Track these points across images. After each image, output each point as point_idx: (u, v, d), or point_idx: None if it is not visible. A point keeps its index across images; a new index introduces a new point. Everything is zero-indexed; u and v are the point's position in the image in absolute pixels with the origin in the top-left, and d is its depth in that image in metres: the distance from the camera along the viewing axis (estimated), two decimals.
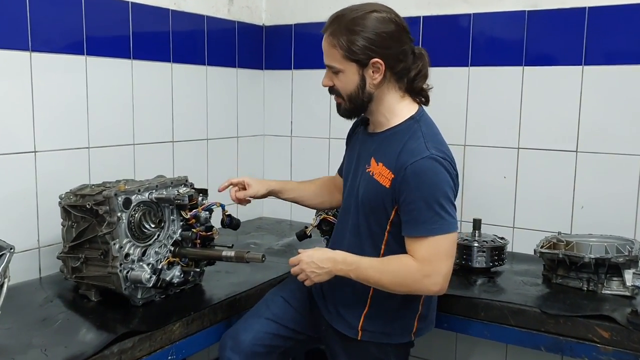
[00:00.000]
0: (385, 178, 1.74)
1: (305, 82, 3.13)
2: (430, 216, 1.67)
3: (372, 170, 1.80)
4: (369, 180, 1.80)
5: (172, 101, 2.69)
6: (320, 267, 1.77)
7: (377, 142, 1.84)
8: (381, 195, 1.76)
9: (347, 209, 1.89)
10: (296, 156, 3.22)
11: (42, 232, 2.19)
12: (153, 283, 1.86)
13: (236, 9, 3.00)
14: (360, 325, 1.85)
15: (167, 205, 1.99)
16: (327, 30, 1.80)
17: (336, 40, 1.75)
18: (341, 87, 1.80)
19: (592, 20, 2.43)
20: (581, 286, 2.14)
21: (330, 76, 1.83)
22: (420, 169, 1.68)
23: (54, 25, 2.17)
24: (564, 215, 2.55)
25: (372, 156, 1.82)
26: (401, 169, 1.70)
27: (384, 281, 1.73)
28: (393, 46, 1.74)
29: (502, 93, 2.63)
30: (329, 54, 1.79)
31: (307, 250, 1.83)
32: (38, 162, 2.15)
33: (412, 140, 1.75)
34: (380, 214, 1.78)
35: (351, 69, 1.75)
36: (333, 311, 1.91)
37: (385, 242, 1.80)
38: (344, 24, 1.74)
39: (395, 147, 1.76)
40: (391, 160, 1.75)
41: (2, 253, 1.50)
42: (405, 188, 1.69)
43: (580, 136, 2.49)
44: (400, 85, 1.81)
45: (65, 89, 2.23)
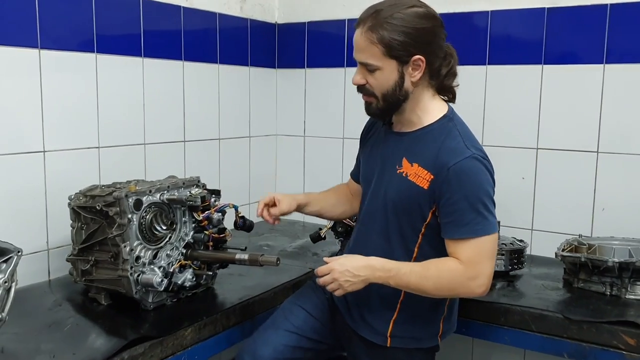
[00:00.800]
0: (423, 179, 1.69)
1: (318, 81, 3.08)
2: (473, 217, 1.63)
3: (406, 171, 1.73)
4: (401, 182, 1.74)
5: (184, 100, 2.64)
6: (356, 275, 1.69)
7: (408, 142, 1.77)
8: (417, 196, 1.70)
9: (372, 212, 1.82)
10: (309, 156, 3.17)
11: (51, 234, 2.14)
12: (164, 287, 1.81)
13: (249, 7, 2.95)
14: (390, 332, 1.79)
15: (179, 207, 1.94)
16: (364, 24, 1.68)
17: (376, 35, 1.65)
18: (376, 85, 1.71)
19: (613, 18, 2.36)
20: (604, 291, 2.07)
21: (363, 73, 1.73)
22: (464, 169, 1.63)
23: (64, 22, 2.12)
24: (584, 218, 2.49)
25: (404, 157, 1.75)
26: (443, 169, 1.64)
27: (427, 287, 1.67)
28: (433, 42, 1.69)
29: (520, 92, 2.57)
30: (366, 51, 1.68)
31: (338, 258, 1.75)
32: (47, 162, 2.11)
33: (449, 139, 1.69)
34: (415, 216, 1.72)
35: (390, 66, 1.67)
36: (358, 318, 1.85)
37: (419, 245, 1.74)
38: (383, 19, 1.65)
39: (431, 147, 1.70)
40: (428, 160, 1.69)
41: (9, 256, 1.45)
42: (447, 189, 1.64)
43: (601, 136, 2.43)
44: (432, 83, 1.75)
45: (75, 87, 2.19)
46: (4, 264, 1.45)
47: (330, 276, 1.71)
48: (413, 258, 1.75)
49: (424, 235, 1.74)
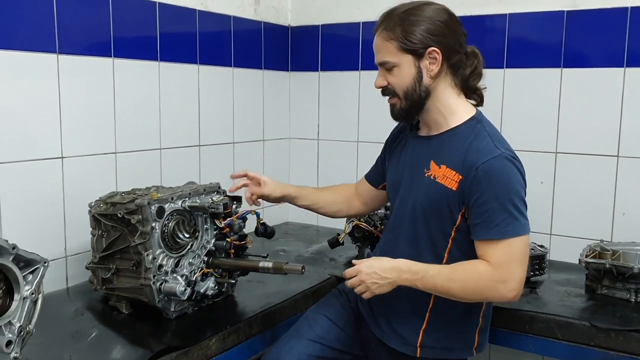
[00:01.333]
0: (451, 180, 1.66)
1: (332, 84, 3.06)
2: (504, 217, 1.60)
3: (434, 173, 1.71)
4: (430, 185, 1.72)
5: (199, 104, 2.62)
6: (383, 278, 1.67)
7: (435, 145, 1.76)
8: (447, 199, 1.67)
9: (399, 218, 1.80)
10: (323, 160, 3.14)
11: (69, 241, 2.12)
12: (188, 296, 1.79)
13: (262, 9, 2.93)
14: (419, 342, 1.76)
15: (201, 214, 1.92)
16: (380, 27, 1.73)
17: (391, 33, 1.69)
18: (397, 83, 1.72)
19: (634, 21, 2.33)
20: (628, 297, 2.05)
21: (383, 75, 1.75)
22: (493, 169, 1.61)
23: (81, 26, 2.10)
24: (604, 223, 2.46)
25: (432, 159, 1.73)
26: (471, 169, 1.62)
27: (454, 289, 1.64)
28: (448, 35, 1.69)
29: (539, 96, 2.55)
30: (383, 49, 1.72)
31: (366, 260, 1.73)
32: (65, 168, 2.08)
33: (477, 140, 1.68)
34: (445, 219, 1.70)
35: (407, 61, 1.69)
36: (386, 328, 1.82)
37: (449, 251, 1.71)
38: (397, 16, 1.69)
39: (459, 148, 1.68)
40: (456, 161, 1.67)
41: (36, 267, 1.43)
42: (476, 189, 1.62)
43: (621, 140, 2.40)
44: (455, 82, 1.75)
45: (92, 92, 2.17)
46: (30, 275, 1.42)
47: (357, 278, 1.70)
48: (443, 264, 1.72)
49: (454, 239, 1.71)
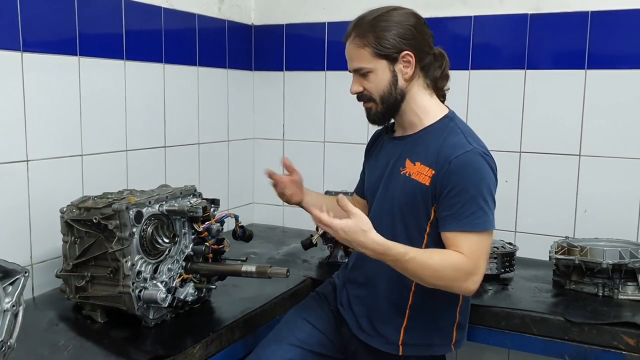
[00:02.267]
0: (425, 176, 1.69)
1: (298, 84, 3.03)
2: (474, 210, 1.63)
3: (409, 171, 1.74)
4: (405, 182, 1.74)
5: (164, 104, 2.55)
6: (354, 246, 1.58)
7: (409, 144, 1.79)
8: (421, 194, 1.70)
9: (378, 217, 1.79)
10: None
11: (35, 248, 2.03)
12: (169, 303, 1.74)
13: (226, 8, 2.88)
14: (401, 340, 1.77)
15: (179, 218, 1.87)
16: (351, 34, 1.78)
17: (364, 40, 1.72)
18: (373, 88, 1.75)
19: (594, 25, 2.41)
20: (596, 292, 2.12)
21: (359, 81, 1.78)
22: (466, 162, 1.64)
23: (46, 23, 2.01)
24: (567, 219, 2.54)
25: (407, 158, 1.76)
26: (444, 163, 1.65)
27: (425, 275, 1.60)
28: (419, 38, 1.74)
29: (503, 97, 2.60)
30: (357, 56, 1.75)
31: (348, 221, 1.55)
32: (30, 172, 1.99)
33: (451, 136, 1.71)
34: (419, 215, 1.72)
35: (381, 66, 1.72)
36: (368, 328, 1.82)
37: (425, 246, 1.73)
38: (368, 23, 1.73)
39: (433, 145, 1.72)
40: (430, 157, 1.70)
41: (16, 278, 1.36)
42: (448, 182, 1.64)
43: (583, 140, 2.48)
44: (427, 83, 1.79)
45: (58, 92, 2.08)
46: (10, 287, 1.35)
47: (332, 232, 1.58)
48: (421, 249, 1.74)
49: (429, 234, 1.73)
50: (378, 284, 1.82)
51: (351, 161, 2.92)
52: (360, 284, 1.88)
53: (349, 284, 1.93)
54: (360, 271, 1.89)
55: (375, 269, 1.79)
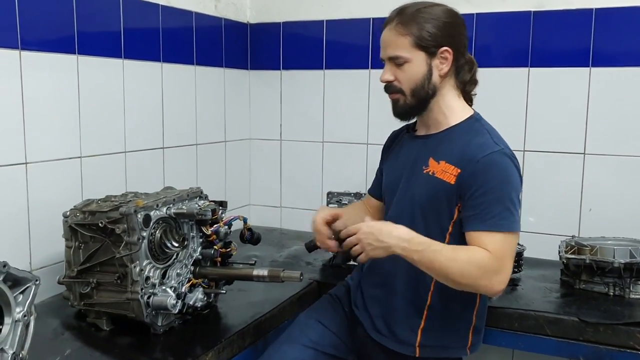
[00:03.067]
0: (450, 174, 1.66)
1: (295, 83, 2.98)
2: (500, 210, 1.60)
3: (432, 169, 1.71)
4: (428, 180, 1.71)
5: (163, 104, 2.48)
6: (379, 240, 1.60)
7: (434, 142, 1.76)
8: (445, 193, 1.67)
9: (397, 217, 1.75)
10: (286, 161, 3.06)
11: (34, 253, 1.95)
12: (179, 309, 1.68)
13: (223, 5, 2.82)
14: (418, 341, 1.73)
15: (187, 221, 1.81)
16: (394, 20, 1.72)
17: (406, 28, 1.68)
18: (406, 79, 1.70)
19: (599, 22, 2.40)
20: (607, 291, 2.11)
21: (391, 70, 1.72)
22: (493, 162, 1.63)
23: (44, 20, 1.93)
24: (572, 218, 2.52)
25: (431, 156, 1.73)
26: (471, 162, 1.63)
27: (452, 270, 1.57)
28: (457, 37, 1.73)
29: (507, 95, 2.57)
30: (396, 44, 1.70)
31: (369, 219, 1.67)
32: (29, 175, 1.91)
33: (477, 136, 1.70)
34: (442, 214, 1.69)
35: (419, 58, 1.69)
36: (383, 329, 1.78)
37: None
38: (412, 13, 1.70)
39: (459, 144, 1.69)
40: (455, 156, 1.68)
41: (27, 286, 1.29)
42: (474, 181, 1.62)
43: (587, 138, 2.47)
44: (457, 84, 1.77)
45: (57, 91, 2.00)
46: (20, 296, 1.29)
47: (355, 236, 1.64)
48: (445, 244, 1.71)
49: (451, 234, 1.70)
50: (396, 283, 1.77)
51: (351, 161, 2.91)
52: (377, 283, 1.83)
53: (364, 285, 1.88)
54: (376, 271, 1.84)
55: (393, 268, 1.76)
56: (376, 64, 2.79)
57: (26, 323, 1.28)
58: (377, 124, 2.78)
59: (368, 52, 2.81)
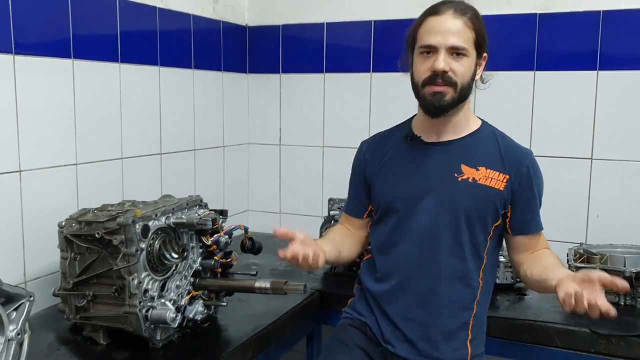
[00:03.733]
0: (497, 181, 1.67)
1: (295, 87, 2.92)
2: (538, 211, 1.74)
3: (471, 176, 1.67)
4: (472, 188, 1.67)
5: (160, 110, 2.42)
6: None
7: (459, 149, 1.71)
8: (494, 199, 1.67)
9: (432, 229, 1.67)
10: (286, 166, 3.00)
11: (29, 263, 1.89)
12: (178, 323, 1.62)
13: (221, 8, 2.76)
14: (470, 355, 1.70)
15: (187, 231, 1.75)
16: (456, 8, 1.64)
17: (473, 23, 1.64)
18: (461, 73, 1.63)
19: (606, 24, 2.35)
20: (617, 300, 2.05)
21: (448, 61, 1.61)
22: (536, 166, 1.73)
23: (39, 24, 1.87)
24: (579, 225, 2.48)
25: (461, 163, 1.68)
26: (520, 167, 1.68)
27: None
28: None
29: (512, 98, 2.52)
30: (462, 34, 1.62)
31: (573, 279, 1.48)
32: (24, 183, 1.85)
33: (504, 140, 1.74)
34: (488, 220, 1.69)
35: (473, 56, 1.65)
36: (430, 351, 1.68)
37: (487, 250, 1.71)
38: (473, 10, 1.66)
39: (491, 149, 1.71)
40: (495, 162, 1.68)
41: (21, 303, 1.23)
42: (527, 186, 1.69)
43: (595, 143, 2.42)
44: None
45: (52, 97, 1.94)
46: (14, 313, 1.22)
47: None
48: (483, 266, 1.70)
49: (491, 238, 1.72)
50: (438, 299, 1.68)
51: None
52: (413, 304, 1.71)
53: (392, 311, 1.73)
54: (410, 291, 1.72)
55: (432, 284, 1.69)
56: (377, 67, 2.75)
57: (20, 341, 1.22)
58: (379, 128, 2.68)
59: (369, 55, 2.76)
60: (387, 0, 2.68)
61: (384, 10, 2.70)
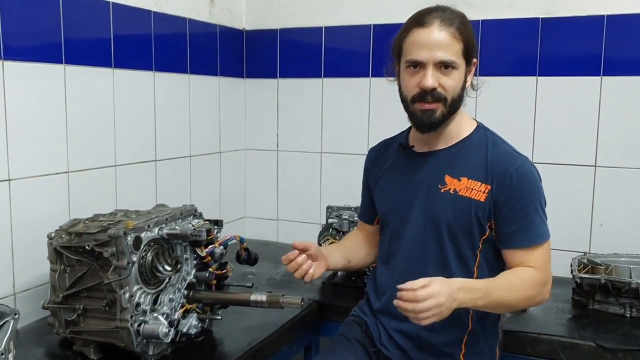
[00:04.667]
0: (478, 192, 1.59)
1: (292, 92, 2.87)
2: (538, 222, 1.60)
3: (452, 187, 1.61)
4: (452, 200, 1.61)
5: (155, 115, 2.37)
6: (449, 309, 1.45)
7: (445, 158, 1.66)
8: (475, 211, 1.59)
9: (419, 242, 1.65)
10: (283, 172, 2.95)
11: (18, 274, 1.84)
12: (171, 338, 1.56)
13: (217, 11, 2.71)
14: None
15: (180, 242, 1.69)
16: (441, 20, 1.55)
17: (458, 32, 1.56)
18: (451, 87, 1.57)
19: (610, 29, 2.30)
20: (623, 312, 2.00)
21: (437, 76, 1.56)
22: (526, 174, 1.60)
23: (29, 29, 1.82)
24: (582, 234, 2.43)
25: (446, 174, 1.63)
26: (503, 177, 1.58)
27: (513, 299, 1.58)
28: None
29: (514, 104, 2.48)
30: (450, 47, 1.54)
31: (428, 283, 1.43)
32: (13, 192, 1.80)
33: (495, 147, 1.64)
34: (472, 233, 1.61)
35: (463, 66, 1.59)
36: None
37: (478, 265, 1.63)
38: (460, 19, 1.58)
39: (476, 158, 1.62)
40: (478, 171, 1.60)
41: (5, 321, 1.18)
42: (512, 196, 1.57)
43: (598, 150, 2.37)
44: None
45: (42, 103, 1.89)
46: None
47: (431, 302, 1.40)
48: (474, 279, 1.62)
49: (481, 252, 1.63)
50: None
51: (350, 173, 2.78)
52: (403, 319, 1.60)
53: (386, 321, 1.73)
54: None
55: None
56: (377, 72, 2.70)
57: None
58: (378, 134, 2.63)
59: (368, 59, 2.71)
60: (386, 4, 2.64)
61: (383, 14, 2.65)
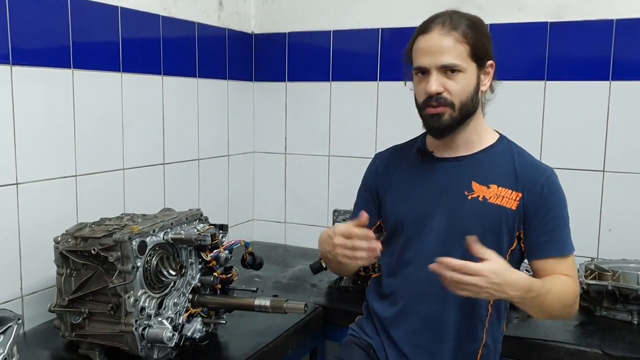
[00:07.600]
0: (509, 199, 1.58)
1: (301, 96, 2.88)
2: (567, 233, 1.61)
3: (481, 194, 1.59)
4: (482, 207, 1.58)
5: (163, 119, 2.38)
6: (502, 292, 1.40)
7: (471, 165, 1.64)
8: (505, 219, 1.58)
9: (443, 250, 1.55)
10: (291, 175, 2.96)
11: (25, 277, 1.85)
12: (176, 342, 1.57)
13: (226, 15, 2.72)
14: None
15: (185, 247, 1.70)
16: (444, 25, 1.55)
17: (462, 34, 1.54)
18: (457, 91, 1.55)
19: (620, 33, 2.28)
20: (630, 319, 1.99)
21: (441, 80, 1.55)
22: (554, 184, 1.62)
23: (37, 34, 1.84)
24: (590, 239, 2.41)
25: (472, 180, 1.61)
26: (534, 185, 1.58)
27: (556, 305, 1.54)
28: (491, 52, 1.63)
29: (522, 109, 2.46)
30: (452, 51, 1.54)
31: (490, 262, 1.39)
32: (20, 196, 1.82)
33: (521, 157, 1.65)
34: (502, 243, 1.58)
35: (472, 68, 1.57)
36: None
37: None
38: (466, 21, 1.57)
39: (505, 166, 1.62)
40: (508, 179, 1.60)
41: (8, 326, 1.19)
42: (543, 206, 1.58)
43: (607, 155, 2.36)
44: (483, 101, 1.67)
45: (51, 108, 1.91)
46: (1, 336, 1.18)
47: (476, 279, 1.37)
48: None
49: (508, 262, 1.53)
50: (446, 324, 1.62)
51: (358, 177, 2.77)
52: (418, 329, 1.64)
53: (397, 334, 1.68)
54: (415, 314, 1.65)
55: (440, 308, 1.61)
56: (385, 76, 2.70)
57: None
58: (386, 137, 2.65)
59: (377, 63, 2.71)
60: (395, 8, 2.63)
61: (391, 18, 2.65)
